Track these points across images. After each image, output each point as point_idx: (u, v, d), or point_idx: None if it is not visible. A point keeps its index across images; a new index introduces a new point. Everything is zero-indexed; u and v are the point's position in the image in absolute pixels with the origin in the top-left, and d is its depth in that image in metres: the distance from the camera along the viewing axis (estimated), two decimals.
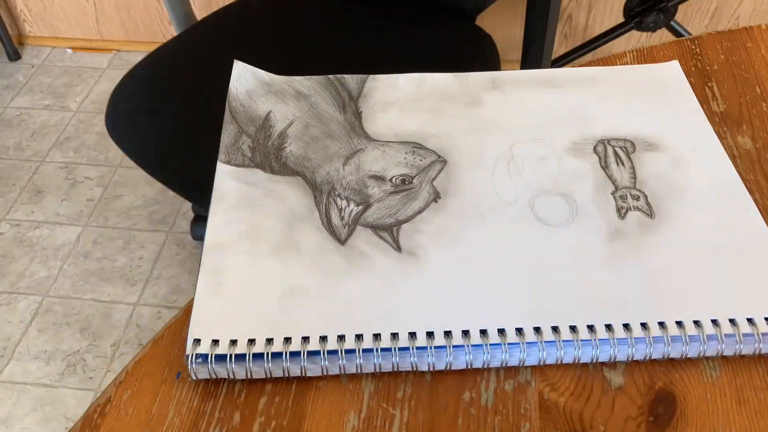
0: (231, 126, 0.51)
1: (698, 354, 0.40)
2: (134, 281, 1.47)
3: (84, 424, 0.39)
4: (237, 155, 0.49)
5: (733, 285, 0.42)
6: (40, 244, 1.54)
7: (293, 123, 0.51)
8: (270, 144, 0.50)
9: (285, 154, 0.49)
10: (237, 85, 0.53)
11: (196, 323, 0.40)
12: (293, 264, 0.43)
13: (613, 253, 0.43)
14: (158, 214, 1.59)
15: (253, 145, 0.50)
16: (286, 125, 0.51)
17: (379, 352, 0.39)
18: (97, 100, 1.86)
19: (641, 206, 0.46)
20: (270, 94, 0.53)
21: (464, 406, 0.39)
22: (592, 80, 0.55)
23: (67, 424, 1.26)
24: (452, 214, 0.46)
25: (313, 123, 0.51)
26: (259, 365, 0.39)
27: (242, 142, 0.50)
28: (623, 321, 0.40)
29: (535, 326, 0.40)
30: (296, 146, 0.50)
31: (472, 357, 0.39)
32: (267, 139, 0.50)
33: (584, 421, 0.38)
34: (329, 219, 0.46)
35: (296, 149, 0.50)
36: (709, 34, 0.62)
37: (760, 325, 0.40)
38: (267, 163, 0.49)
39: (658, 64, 0.57)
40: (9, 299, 1.44)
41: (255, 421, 0.39)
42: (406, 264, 0.43)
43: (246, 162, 0.49)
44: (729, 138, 0.52)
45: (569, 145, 0.50)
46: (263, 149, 0.49)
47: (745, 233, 0.45)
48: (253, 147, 0.49)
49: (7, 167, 1.70)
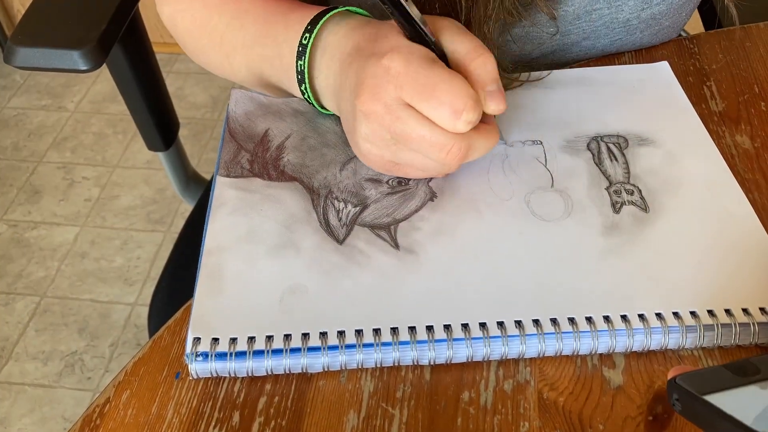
0: (230, 144, 0.51)
1: (695, 345, 0.40)
2: (132, 281, 1.47)
3: (83, 424, 0.39)
4: (236, 168, 0.49)
5: (729, 276, 0.42)
6: (37, 244, 1.54)
7: (291, 136, 0.51)
8: (268, 156, 0.50)
9: (283, 163, 0.49)
10: (235, 109, 0.53)
11: (196, 322, 0.40)
12: (292, 263, 0.43)
13: (609, 246, 0.44)
14: (156, 214, 1.59)
15: (251, 159, 0.50)
16: (283, 138, 0.51)
17: (380, 347, 0.39)
18: (94, 100, 1.86)
19: (635, 200, 0.47)
20: (268, 114, 0.53)
21: (463, 406, 0.39)
22: (584, 80, 0.56)
23: (65, 424, 1.26)
24: (449, 212, 0.46)
25: (310, 135, 0.51)
26: (259, 363, 0.39)
27: (241, 157, 0.50)
28: (621, 312, 0.40)
29: (534, 318, 0.40)
30: (294, 156, 0.50)
31: (472, 350, 0.39)
32: (265, 151, 0.50)
33: (583, 421, 0.38)
34: (327, 220, 0.46)
35: (294, 158, 0.50)
36: (708, 33, 0.62)
37: (755, 315, 0.40)
38: (265, 172, 0.49)
39: (648, 64, 0.57)
40: (6, 300, 1.44)
41: (254, 421, 0.39)
42: (405, 261, 0.43)
43: (245, 173, 0.49)
44: (727, 137, 0.52)
45: (563, 143, 0.51)
46: (261, 161, 0.50)
47: (738, 226, 0.45)
48: (252, 160, 0.50)
49: (5, 167, 1.69)
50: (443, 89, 0.41)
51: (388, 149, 0.44)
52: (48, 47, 0.64)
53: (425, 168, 0.46)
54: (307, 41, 0.48)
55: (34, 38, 0.64)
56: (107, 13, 0.66)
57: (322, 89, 0.50)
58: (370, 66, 0.43)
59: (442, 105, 0.41)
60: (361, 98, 0.43)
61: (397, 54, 0.42)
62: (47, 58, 0.63)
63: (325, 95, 0.50)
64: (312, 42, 0.48)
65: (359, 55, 0.45)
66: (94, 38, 0.63)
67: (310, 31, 0.48)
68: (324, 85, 0.49)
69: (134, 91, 0.79)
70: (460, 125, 0.41)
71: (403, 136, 0.43)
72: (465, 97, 0.41)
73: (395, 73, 0.41)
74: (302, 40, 0.48)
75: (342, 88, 0.46)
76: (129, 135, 1.76)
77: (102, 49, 0.64)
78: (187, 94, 1.86)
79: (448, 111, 0.41)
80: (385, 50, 0.42)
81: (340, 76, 0.46)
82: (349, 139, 0.48)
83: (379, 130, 0.43)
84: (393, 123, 0.42)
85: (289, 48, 0.49)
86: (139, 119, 0.83)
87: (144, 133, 0.85)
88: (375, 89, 0.42)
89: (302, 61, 0.48)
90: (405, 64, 0.41)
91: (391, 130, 0.43)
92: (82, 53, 0.63)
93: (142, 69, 0.79)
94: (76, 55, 0.63)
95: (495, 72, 0.44)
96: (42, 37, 0.65)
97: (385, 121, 0.43)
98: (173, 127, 0.87)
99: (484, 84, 0.43)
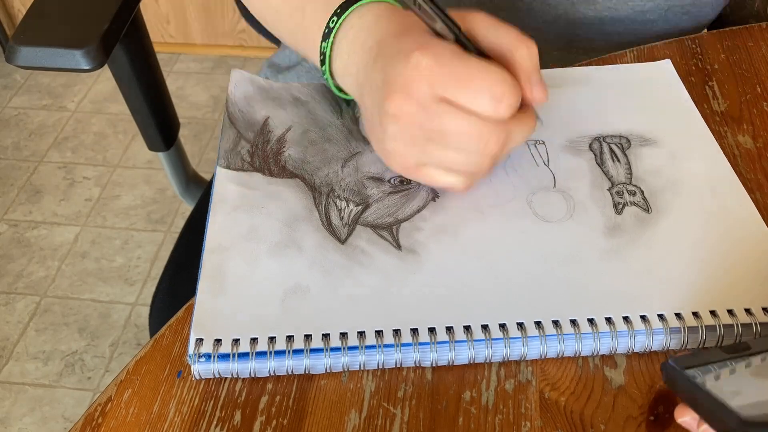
0: (230, 131, 0.51)
1: (697, 345, 0.40)
2: (132, 281, 1.47)
3: (85, 422, 0.39)
4: (236, 160, 0.49)
5: (731, 276, 0.42)
6: (38, 244, 1.54)
7: (291, 128, 0.51)
8: (269, 149, 0.50)
9: (284, 158, 0.49)
10: (235, 91, 0.53)
11: (199, 323, 0.40)
12: (294, 263, 0.43)
13: (611, 247, 0.44)
14: (156, 214, 1.59)
15: (251, 150, 0.50)
16: (284, 130, 0.51)
17: (382, 349, 0.39)
18: (95, 100, 1.86)
19: (638, 201, 0.47)
20: (268, 99, 0.53)
21: (465, 406, 0.39)
22: (585, 79, 0.56)
23: (66, 424, 1.26)
24: (451, 213, 0.46)
25: (311, 128, 0.51)
26: (262, 364, 0.39)
27: (241, 147, 0.50)
28: (623, 314, 0.40)
29: (536, 320, 0.40)
30: (295, 150, 0.50)
31: (474, 352, 0.39)
32: (266, 144, 0.50)
33: (585, 420, 0.38)
34: (329, 219, 0.46)
35: (295, 153, 0.50)
36: (710, 33, 0.62)
37: (758, 315, 0.40)
38: (266, 167, 0.49)
39: (650, 63, 0.57)
40: (7, 299, 1.44)
41: (256, 420, 0.39)
42: (407, 261, 0.43)
43: (245, 166, 0.49)
44: (729, 137, 0.52)
45: (565, 143, 0.51)
46: (262, 153, 0.50)
47: (741, 225, 0.45)
48: (252, 152, 0.50)
49: (5, 167, 1.69)
50: (481, 77, 0.40)
51: (418, 147, 0.43)
52: (50, 47, 0.63)
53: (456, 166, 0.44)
54: (334, 24, 0.47)
55: (36, 38, 0.64)
56: (109, 12, 0.66)
57: (342, 74, 0.49)
58: (398, 65, 0.42)
59: (482, 92, 0.40)
60: (390, 99, 0.42)
61: (425, 50, 0.41)
62: (49, 57, 0.63)
63: (345, 81, 0.49)
64: (338, 26, 0.47)
65: (383, 51, 0.44)
66: (96, 38, 0.63)
67: (338, 15, 0.47)
68: (343, 72, 0.48)
69: (135, 90, 0.79)
70: (503, 110, 0.40)
71: (439, 132, 0.42)
72: (503, 82, 0.40)
73: (426, 69, 0.41)
74: (329, 23, 0.48)
75: (366, 83, 0.45)
76: (130, 135, 1.76)
77: (104, 48, 0.64)
78: (187, 94, 1.86)
79: (489, 97, 0.40)
80: (411, 47, 0.41)
81: (365, 69, 0.46)
82: (369, 136, 0.47)
83: (411, 129, 0.42)
84: (428, 120, 0.41)
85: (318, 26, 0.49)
86: (139, 119, 0.83)
87: (145, 133, 0.85)
88: (406, 88, 0.41)
89: (326, 43, 0.48)
90: (435, 58, 0.40)
91: (426, 128, 0.42)
92: (84, 53, 0.63)
93: (143, 69, 0.79)
94: (78, 54, 0.63)
95: (537, 61, 0.43)
96: (44, 36, 0.65)
97: (417, 119, 0.41)
98: (174, 128, 0.87)
99: (529, 73, 0.42)
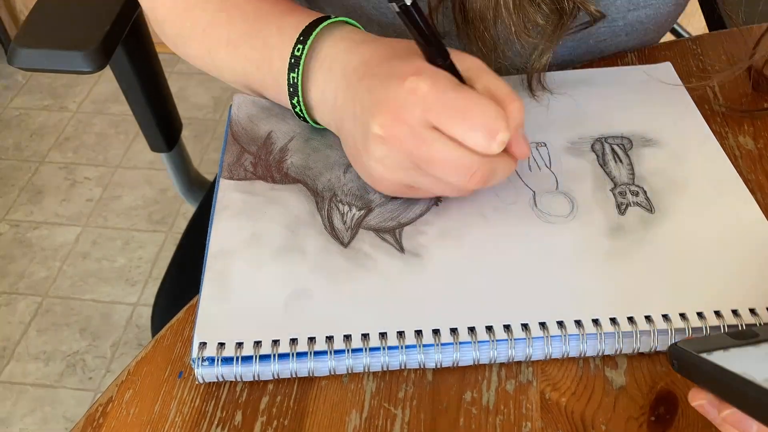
0: (233, 147, 0.51)
1: None
2: (134, 281, 1.47)
3: (86, 422, 0.39)
4: (239, 171, 0.49)
5: (735, 276, 0.42)
6: (39, 244, 1.54)
7: (294, 138, 0.51)
8: (271, 158, 0.50)
9: (286, 165, 0.49)
10: (238, 113, 0.53)
11: (202, 327, 0.40)
12: (297, 267, 0.43)
13: (614, 248, 0.44)
14: (157, 215, 1.59)
15: (254, 161, 0.50)
16: (287, 140, 0.51)
17: (386, 351, 0.39)
18: (97, 101, 1.86)
19: (641, 201, 0.47)
20: (271, 116, 0.53)
21: (466, 406, 0.39)
22: (587, 80, 0.56)
23: (67, 424, 1.26)
24: (454, 216, 0.46)
25: (313, 136, 0.51)
26: (265, 367, 0.39)
27: (244, 159, 0.50)
28: (627, 314, 0.40)
29: (540, 321, 0.40)
30: (297, 158, 0.50)
31: (479, 354, 0.39)
32: (268, 154, 0.50)
33: (585, 421, 0.38)
34: (332, 223, 0.46)
35: (297, 160, 0.50)
36: (710, 34, 0.62)
37: (762, 315, 0.40)
38: (269, 175, 0.49)
39: (651, 64, 0.57)
40: (8, 300, 1.44)
41: (257, 420, 0.39)
42: (410, 264, 0.43)
43: (248, 176, 0.49)
44: (730, 138, 0.52)
45: (567, 145, 0.51)
46: (265, 163, 0.49)
47: (744, 226, 0.45)
48: (255, 162, 0.49)
49: (7, 168, 1.70)
50: (477, 111, 0.40)
51: (404, 173, 0.43)
52: (51, 48, 0.64)
53: (440, 192, 0.45)
54: (300, 53, 0.46)
55: (38, 39, 0.64)
56: (110, 14, 0.66)
57: (318, 104, 0.48)
58: (392, 87, 0.41)
59: (477, 126, 0.40)
60: (379, 120, 0.41)
61: (422, 75, 0.41)
62: (51, 59, 0.64)
63: (321, 110, 0.48)
64: (306, 53, 0.46)
65: (372, 73, 0.43)
66: (97, 39, 0.63)
67: (303, 42, 0.46)
68: (320, 100, 0.48)
69: (137, 91, 0.79)
70: (495, 146, 0.40)
71: (427, 159, 0.41)
72: (499, 118, 0.40)
73: (422, 96, 0.40)
74: (295, 51, 0.46)
75: (347, 106, 0.45)
76: (131, 135, 1.76)
77: (105, 50, 0.64)
78: (189, 95, 1.86)
79: (484, 131, 0.40)
80: (408, 72, 0.41)
81: (346, 92, 0.45)
82: (352, 161, 0.47)
83: (398, 154, 0.42)
84: (417, 146, 0.41)
85: (280, 56, 0.48)
86: (141, 120, 0.83)
87: (147, 133, 0.85)
88: (399, 111, 0.41)
89: (295, 73, 0.47)
90: (432, 85, 0.40)
91: (414, 154, 0.41)
92: (85, 54, 0.63)
93: (145, 69, 0.79)
94: (80, 56, 0.63)
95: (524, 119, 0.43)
96: (45, 38, 0.65)
97: (407, 144, 0.41)
98: (176, 128, 0.87)
99: (518, 126, 0.42)
